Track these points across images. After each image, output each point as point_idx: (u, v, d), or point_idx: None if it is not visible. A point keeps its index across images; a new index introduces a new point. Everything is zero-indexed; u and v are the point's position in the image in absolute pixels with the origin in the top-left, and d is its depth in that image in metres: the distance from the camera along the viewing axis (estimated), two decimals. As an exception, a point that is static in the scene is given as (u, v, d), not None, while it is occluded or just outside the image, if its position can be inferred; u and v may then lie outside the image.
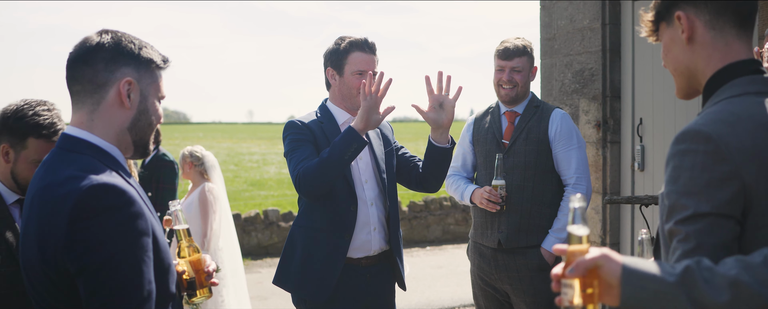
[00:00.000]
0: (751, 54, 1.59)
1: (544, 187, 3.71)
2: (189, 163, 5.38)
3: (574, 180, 3.68)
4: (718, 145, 1.44)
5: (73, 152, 1.72)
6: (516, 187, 3.68)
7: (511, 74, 3.72)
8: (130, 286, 1.59)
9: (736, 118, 1.48)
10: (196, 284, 2.01)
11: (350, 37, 3.25)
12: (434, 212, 11.41)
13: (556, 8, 5.71)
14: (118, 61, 1.76)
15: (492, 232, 3.74)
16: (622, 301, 1.39)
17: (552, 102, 5.72)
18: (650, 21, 1.70)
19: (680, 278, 1.36)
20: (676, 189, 1.48)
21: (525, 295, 3.69)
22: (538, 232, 3.70)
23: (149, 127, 1.84)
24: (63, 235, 1.57)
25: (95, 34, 1.79)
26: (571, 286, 1.40)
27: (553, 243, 3.65)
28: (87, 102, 1.76)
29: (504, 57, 3.73)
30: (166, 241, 1.79)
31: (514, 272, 3.71)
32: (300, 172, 3.01)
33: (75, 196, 1.58)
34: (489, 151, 3.79)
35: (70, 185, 1.60)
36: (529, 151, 3.70)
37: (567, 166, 3.69)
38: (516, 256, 3.69)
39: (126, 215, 1.61)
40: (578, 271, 1.39)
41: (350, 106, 3.27)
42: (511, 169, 3.69)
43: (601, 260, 1.40)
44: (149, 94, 1.82)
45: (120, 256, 1.58)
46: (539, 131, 3.71)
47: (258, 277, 8.75)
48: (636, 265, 1.40)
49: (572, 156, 3.69)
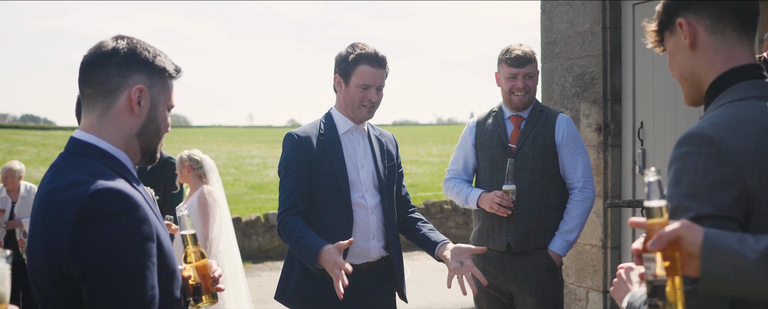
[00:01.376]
0: (753, 58, 1.60)
1: (551, 190, 3.77)
2: (187, 167, 5.40)
3: (582, 184, 3.75)
4: (720, 147, 1.45)
5: (81, 156, 1.72)
6: (524, 191, 3.72)
7: (524, 81, 3.78)
8: (132, 291, 1.59)
9: (738, 121, 1.49)
10: (202, 289, 2.01)
11: (361, 48, 3.18)
12: (435, 216, 11.40)
13: (557, 12, 5.71)
14: (132, 67, 1.77)
15: (500, 236, 3.77)
16: (702, 274, 1.36)
17: (553, 106, 5.73)
18: (654, 31, 1.70)
19: (763, 255, 1.32)
20: (679, 191, 1.49)
21: (532, 296, 3.72)
22: (545, 234, 3.75)
23: (157, 136, 1.85)
24: (67, 239, 1.57)
25: (111, 39, 1.80)
26: (653, 259, 1.37)
27: (560, 245, 3.73)
28: (98, 106, 1.77)
29: (517, 65, 3.77)
30: (171, 246, 1.79)
31: (522, 273, 3.74)
32: (280, 222, 3.11)
33: (80, 200, 1.58)
34: (495, 155, 3.81)
35: (75, 189, 1.60)
36: (537, 155, 3.74)
37: (573, 171, 3.77)
38: (524, 257, 3.72)
39: (130, 220, 1.61)
40: (660, 243, 1.36)
41: (352, 116, 3.24)
42: (519, 172, 3.72)
43: (683, 230, 1.36)
44: (160, 102, 1.83)
45: (123, 261, 1.59)
46: (546, 136, 3.76)
47: (259, 281, 8.75)
48: (718, 238, 1.36)
49: (579, 160, 3.77)
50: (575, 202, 3.76)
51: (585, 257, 5.49)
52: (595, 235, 5.40)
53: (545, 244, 3.74)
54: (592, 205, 3.80)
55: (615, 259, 5.33)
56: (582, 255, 5.52)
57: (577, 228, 3.74)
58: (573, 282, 5.61)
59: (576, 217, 3.74)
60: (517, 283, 3.76)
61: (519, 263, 3.74)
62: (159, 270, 1.69)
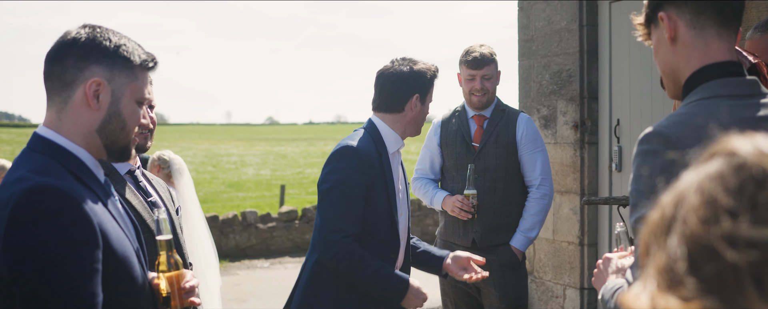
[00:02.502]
0: (732, 55, 1.59)
1: (514, 188, 3.90)
2: (157, 167, 5.41)
3: (539, 181, 3.89)
4: (677, 147, 1.47)
5: (36, 152, 1.63)
6: (487, 189, 3.84)
7: (482, 82, 3.87)
8: (66, 298, 1.47)
9: (699, 120, 1.50)
10: (171, 301, 1.86)
11: (434, 65, 3.02)
12: (414, 213, 11.42)
13: (534, 10, 5.72)
14: (89, 58, 1.64)
15: (466, 232, 3.89)
16: None
17: (530, 103, 5.75)
18: (641, 24, 1.71)
19: None
20: (638, 188, 1.52)
21: (496, 289, 3.85)
22: (509, 230, 3.88)
23: (122, 131, 1.71)
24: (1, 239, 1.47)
25: (76, 27, 1.69)
26: None
27: (521, 241, 3.86)
28: (56, 100, 1.67)
29: (474, 66, 3.85)
30: (130, 252, 1.66)
31: (487, 268, 3.80)
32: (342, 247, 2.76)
33: (15, 199, 1.48)
34: (459, 154, 3.91)
35: (15, 187, 1.50)
36: (500, 154, 3.86)
37: (532, 169, 3.89)
38: (488, 254, 3.79)
39: (67, 221, 1.48)
40: None
41: (413, 133, 3.04)
42: (482, 171, 3.84)
43: None
44: (123, 95, 1.69)
45: (56, 265, 1.46)
46: (508, 134, 3.87)
47: (236, 279, 8.69)
48: None
49: (537, 159, 3.89)
50: (533, 199, 3.88)
51: (562, 254, 5.52)
52: (572, 232, 5.42)
53: (507, 240, 3.87)
54: (550, 202, 3.93)
55: (592, 256, 5.35)
56: (559, 252, 5.54)
57: (537, 225, 3.88)
58: (550, 279, 5.63)
59: (535, 214, 3.86)
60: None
61: None
62: (113, 278, 1.57)
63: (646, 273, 0.70)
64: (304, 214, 10.82)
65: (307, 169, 28.00)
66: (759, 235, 0.62)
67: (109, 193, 1.73)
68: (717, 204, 0.66)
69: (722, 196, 0.66)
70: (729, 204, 0.65)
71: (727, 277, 0.62)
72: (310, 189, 19.59)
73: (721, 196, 0.66)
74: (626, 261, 1.81)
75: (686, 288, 0.64)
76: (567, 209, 5.46)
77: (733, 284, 0.62)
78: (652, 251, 0.71)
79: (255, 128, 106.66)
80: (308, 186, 20.63)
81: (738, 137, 0.71)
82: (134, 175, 2.38)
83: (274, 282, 8.55)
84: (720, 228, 0.64)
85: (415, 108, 2.96)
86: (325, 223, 2.78)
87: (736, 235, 0.63)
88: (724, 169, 0.68)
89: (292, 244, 10.56)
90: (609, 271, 1.79)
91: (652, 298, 0.66)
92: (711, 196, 0.67)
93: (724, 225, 0.64)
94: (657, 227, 0.71)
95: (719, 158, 0.70)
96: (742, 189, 0.66)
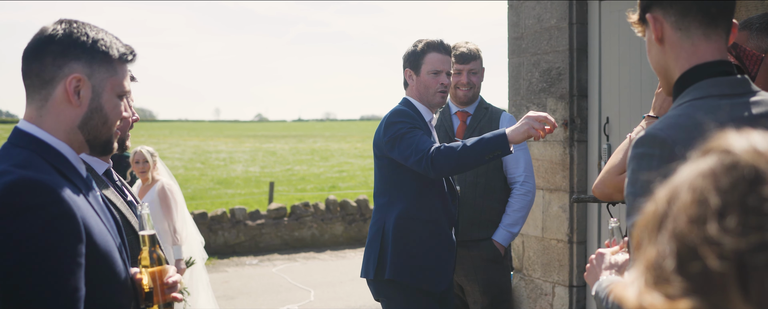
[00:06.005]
0: (722, 55, 1.59)
1: (495, 184, 3.98)
2: (154, 161, 5.55)
3: (523, 178, 3.97)
4: (672, 149, 1.47)
5: (17, 147, 1.62)
6: (469, 184, 3.92)
7: (469, 77, 3.97)
8: (48, 293, 1.46)
9: (692, 122, 1.50)
10: (154, 297, 1.86)
11: (426, 39, 3.40)
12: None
13: (524, 7, 5.73)
14: (68, 55, 1.63)
15: None
16: None
17: (520, 101, 5.75)
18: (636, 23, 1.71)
19: None
20: (634, 191, 1.52)
21: (478, 284, 3.92)
22: (489, 226, 3.96)
23: (105, 126, 1.71)
24: None
25: (52, 23, 1.68)
26: None
27: (503, 236, 3.93)
28: (36, 98, 1.65)
29: (461, 61, 3.95)
30: (113, 247, 1.66)
31: (469, 263, 3.94)
32: (436, 152, 3.05)
33: None
34: None
35: None
36: None
37: (515, 166, 3.98)
38: (470, 249, 3.88)
39: (50, 215, 1.47)
40: None
41: (428, 103, 3.41)
42: None
43: None
44: (104, 90, 1.68)
45: (38, 259, 1.45)
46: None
47: (224, 276, 8.67)
48: None
49: (520, 157, 3.98)
50: (517, 196, 3.96)
51: (551, 252, 5.53)
52: (562, 230, 5.43)
53: (489, 235, 3.94)
54: (533, 199, 4.01)
55: (581, 254, 5.37)
56: (548, 250, 5.55)
57: (520, 221, 3.95)
58: (539, 277, 5.64)
59: (518, 210, 3.94)
60: (464, 273, 3.95)
61: (465, 254, 3.92)
62: (96, 272, 1.56)
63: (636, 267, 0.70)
64: (293, 211, 10.79)
65: (296, 166, 27.97)
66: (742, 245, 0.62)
67: (91, 188, 1.72)
68: (707, 203, 0.66)
69: (712, 195, 0.66)
70: (718, 204, 0.65)
71: (712, 278, 0.62)
72: (299, 186, 19.57)
73: (711, 195, 0.66)
74: (619, 257, 1.82)
75: (672, 286, 0.64)
76: (556, 207, 5.47)
77: (718, 286, 0.62)
78: (643, 245, 0.71)
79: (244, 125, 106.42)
80: (297, 183, 20.61)
81: (734, 134, 0.71)
82: (110, 175, 2.37)
83: (263, 279, 8.54)
84: (705, 231, 0.64)
85: (412, 80, 3.41)
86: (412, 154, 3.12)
87: (720, 241, 0.63)
88: (717, 167, 0.68)
89: (281, 241, 10.54)
90: (602, 267, 1.80)
91: (639, 293, 0.66)
92: (702, 195, 0.67)
93: (709, 228, 0.64)
94: (650, 222, 0.71)
95: (713, 155, 0.70)
96: (732, 189, 0.65)
